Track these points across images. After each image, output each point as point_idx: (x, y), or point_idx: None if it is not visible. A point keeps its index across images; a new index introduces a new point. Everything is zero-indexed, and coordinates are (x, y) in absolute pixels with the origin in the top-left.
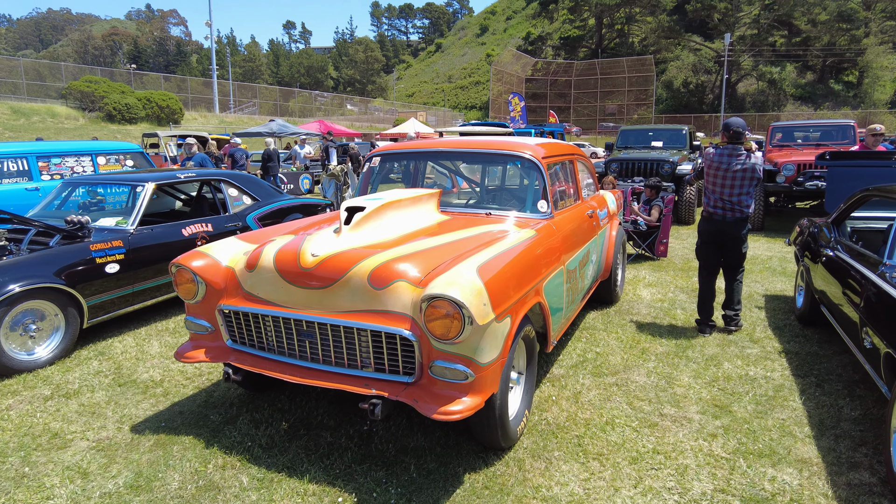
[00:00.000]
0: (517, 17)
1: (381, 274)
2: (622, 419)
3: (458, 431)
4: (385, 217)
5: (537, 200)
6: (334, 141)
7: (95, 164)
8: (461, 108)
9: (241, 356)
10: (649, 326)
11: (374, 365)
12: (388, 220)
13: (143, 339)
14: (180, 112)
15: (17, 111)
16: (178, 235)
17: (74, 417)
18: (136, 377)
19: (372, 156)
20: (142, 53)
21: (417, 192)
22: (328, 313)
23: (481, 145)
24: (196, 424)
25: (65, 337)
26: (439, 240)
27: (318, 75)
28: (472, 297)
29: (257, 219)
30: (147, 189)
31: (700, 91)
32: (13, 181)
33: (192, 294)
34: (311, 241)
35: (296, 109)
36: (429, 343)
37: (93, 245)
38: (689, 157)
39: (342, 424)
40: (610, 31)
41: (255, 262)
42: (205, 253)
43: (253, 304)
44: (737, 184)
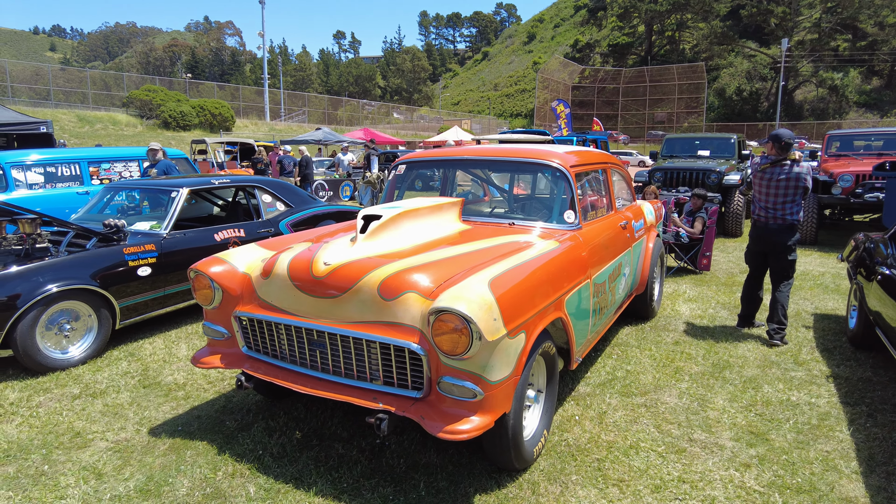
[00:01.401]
0: (565, 24)
1: (392, 284)
2: (648, 443)
3: (471, 450)
4: (402, 226)
5: (564, 211)
6: (376, 149)
7: (142, 168)
8: (506, 116)
9: (255, 364)
10: (685, 344)
11: (383, 378)
12: (406, 228)
13: (172, 341)
14: (232, 120)
15: (83, 119)
16: (211, 240)
17: (98, 417)
18: (161, 379)
19: (398, 163)
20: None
21: (438, 200)
22: (338, 323)
23: (508, 153)
24: (211, 430)
25: (97, 337)
26: (457, 250)
27: (366, 84)
28: (481, 311)
29: (290, 225)
30: (181, 194)
31: (754, 99)
32: (66, 185)
33: (209, 300)
34: (326, 250)
35: (343, 118)
36: (437, 358)
37: (126, 248)
38: (738, 167)
39: (355, 436)
40: (660, 38)
41: (270, 269)
42: (223, 259)
43: (267, 312)
44: (780, 192)
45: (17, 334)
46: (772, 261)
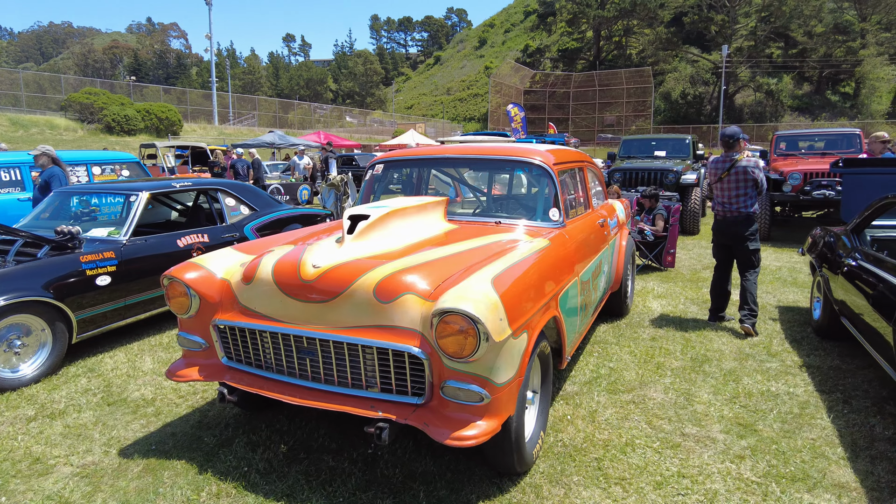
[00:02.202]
0: (515, 29)
1: (388, 286)
2: (642, 440)
3: (468, 455)
4: (390, 226)
5: (549, 209)
6: (334, 152)
7: (90, 173)
8: (460, 119)
9: (236, 374)
10: (662, 339)
11: (381, 385)
12: (394, 229)
13: (135, 354)
14: (179, 124)
15: (16, 123)
16: (174, 246)
17: (58, 440)
18: (127, 395)
19: (375, 163)
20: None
21: (424, 199)
22: (330, 329)
23: (490, 151)
24: (189, 447)
25: (52, 353)
26: (448, 250)
27: (317, 87)
28: (488, 311)
29: (255, 229)
30: (141, 198)
31: (698, 102)
32: (6, 191)
33: (184, 308)
34: (312, 252)
35: (295, 121)
36: (440, 361)
37: (83, 256)
38: (693, 167)
39: (345, 447)
40: (608, 43)
41: (253, 274)
42: (199, 264)
43: (250, 319)
44: (732, 185)
45: None
46: (735, 251)
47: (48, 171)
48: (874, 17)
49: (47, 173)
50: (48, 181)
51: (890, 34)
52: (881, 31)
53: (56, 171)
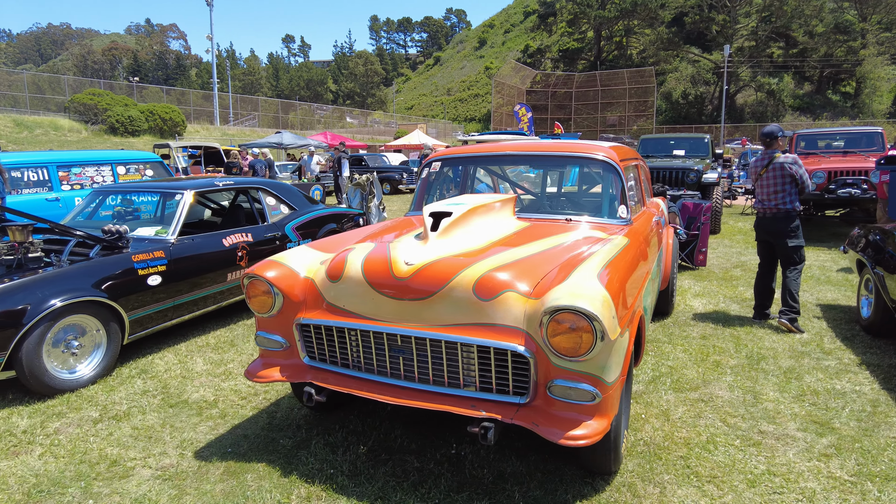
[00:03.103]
0: (515, 30)
1: (487, 284)
2: (722, 438)
3: (554, 454)
4: (471, 223)
5: (617, 206)
6: (346, 152)
7: (115, 173)
8: (460, 120)
9: (320, 374)
10: (712, 338)
11: (479, 384)
12: (474, 226)
13: (184, 355)
14: (183, 125)
15: (21, 124)
16: (219, 246)
17: (130, 442)
18: (187, 397)
19: (431, 160)
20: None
21: (496, 196)
22: (427, 327)
23: (554, 147)
24: (265, 450)
25: (106, 354)
26: (533, 247)
27: (317, 88)
28: (603, 308)
29: (295, 228)
30: (186, 197)
31: (699, 102)
32: (34, 191)
33: (267, 307)
34: (401, 249)
35: (296, 122)
36: (547, 360)
37: (134, 256)
38: (712, 166)
39: (425, 448)
40: (608, 44)
41: (340, 271)
42: (280, 262)
43: (337, 318)
44: (771, 182)
45: (23, 354)
46: (776, 248)
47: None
48: (874, 16)
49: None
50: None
51: (890, 34)
52: (882, 31)
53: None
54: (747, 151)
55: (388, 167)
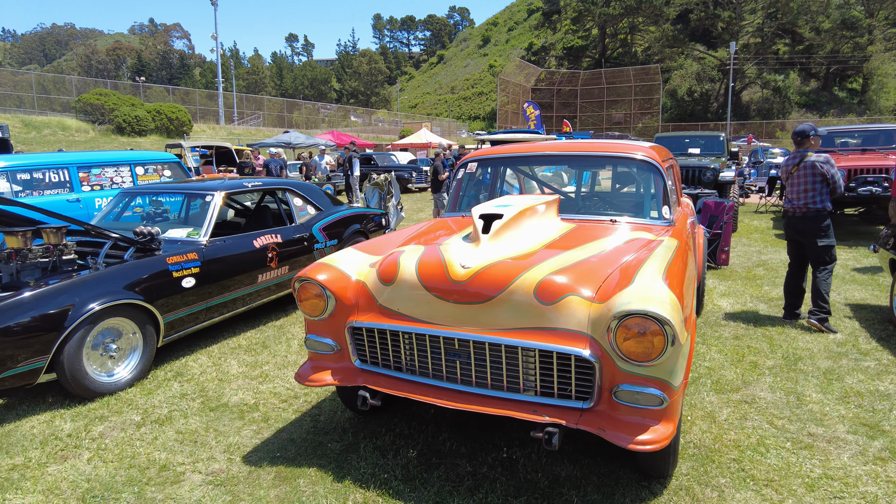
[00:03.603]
0: (519, 28)
1: (549, 288)
2: (772, 440)
3: (607, 458)
4: (521, 225)
5: (660, 206)
6: (357, 151)
7: (134, 174)
8: (465, 118)
9: (371, 377)
10: (745, 338)
11: (540, 388)
12: (524, 228)
13: (217, 357)
14: (189, 124)
15: (28, 124)
16: (250, 247)
17: (176, 447)
18: (226, 400)
19: (467, 161)
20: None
21: (542, 198)
22: (486, 331)
23: (594, 147)
24: (314, 454)
25: (143, 357)
26: (586, 250)
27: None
28: (674, 311)
29: (322, 229)
30: (217, 199)
31: (704, 100)
32: (54, 192)
33: (319, 310)
34: (454, 251)
35: (300, 121)
36: (613, 365)
37: (169, 258)
38: (728, 164)
39: (476, 451)
40: (613, 41)
41: (393, 274)
42: (331, 265)
43: (391, 321)
44: (801, 181)
45: (64, 357)
46: (806, 248)
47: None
48: (881, 12)
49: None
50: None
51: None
52: (889, 27)
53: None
54: (758, 149)
55: (398, 166)
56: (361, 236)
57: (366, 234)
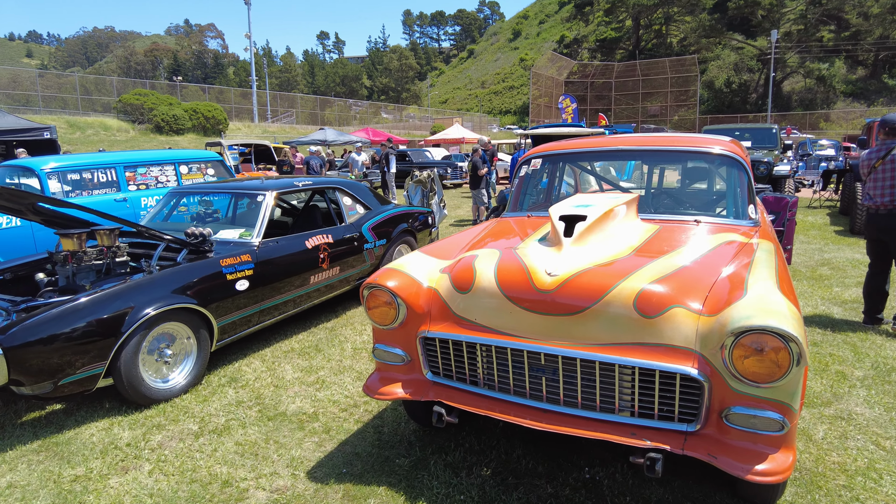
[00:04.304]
0: (550, 20)
1: (651, 298)
2: (882, 464)
3: (698, 478)
4: (606, 227)
5: (745, 205)
6: (394, 148)
7: (178, 173)
8: (496, 113)
9: (445, 392)
10: (824, 345)
11: (638, 409)
12: (609, 230)
13: (271, 362)
14: (225, 122)
15: (73, 125)
16: (302, 247)
17: (237, 460)
18: (284, 409)
19: (530, 157)
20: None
21: (621, 196)
22: (578, 345)
23: (667, 141)
24: (382, 470)
25: (197, 362)
26: (681, 255)
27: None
28: (798, 327)
29: (371, 228)
30: (269, 199)
31: (743, 90)
32: (102, 192)
33: (389, 318)
34: (536, 257)
35: (332, 118)
36: (724, 385)
37: (222, 260)
38: (782, 157)
39: (555, 471)
40: (647, 32)
41: (469, 281)
42: (400, 271)
43: (468, 332)
44: (887, 175)
45: (121, 362)
46: (891, 248)
47: None
48: None
49: None
50: None
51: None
52: None
53: None
54: (806, 141)
55: (433, 162)
56: (409, 235)
57: (413, 233)
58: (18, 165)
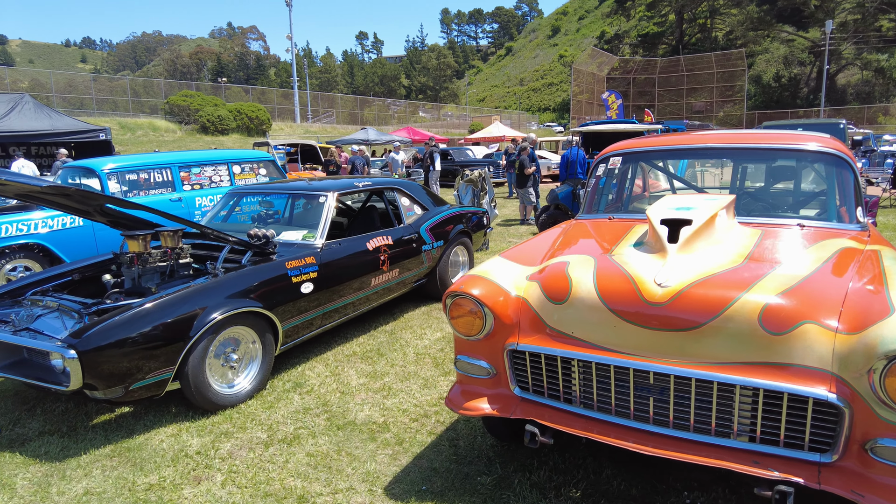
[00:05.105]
0: (590, 16)
1: (779, 313)
2: None
3: None
4: (712, 233)
5: (853, 208)
6: (437, 146)
7: (231, 173)
8: (534, 110)
9: (534, 409)
10: None
11: (760, 435)
12: (714, 236)
13: (334, 366)
14: (268, 123)
15: (124, 126)
16: (364, 249)
17: (310, 473)
18: (353, 417)
19: (609, 155)
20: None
21: (717, 198)
22: (694, 364)
23: (764, 139)
24: (463, 488)
25: (262, 367)
26: (799, 264)
27: (391, 84)
28: None
29: (429, 229)
30: (331, 200)
31: (793, 85)
32: (158, 192)
33: (475, 329)
34: (640, 265)
35: (371, 118)
36: (869, 413)
37: (287, 262)
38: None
39: (650, 494)
40: (691, 26)
41: (564, 291)
42: (486, 278)
43: (563, 346)
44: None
45: (189, 367)
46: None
47: None
48: None
49: None
50: None
51: None
52: None
53: None
54: (869, 136)
55: (474, 161)
56: (465, 237)
57: (469, 234)
58: (80, 167)
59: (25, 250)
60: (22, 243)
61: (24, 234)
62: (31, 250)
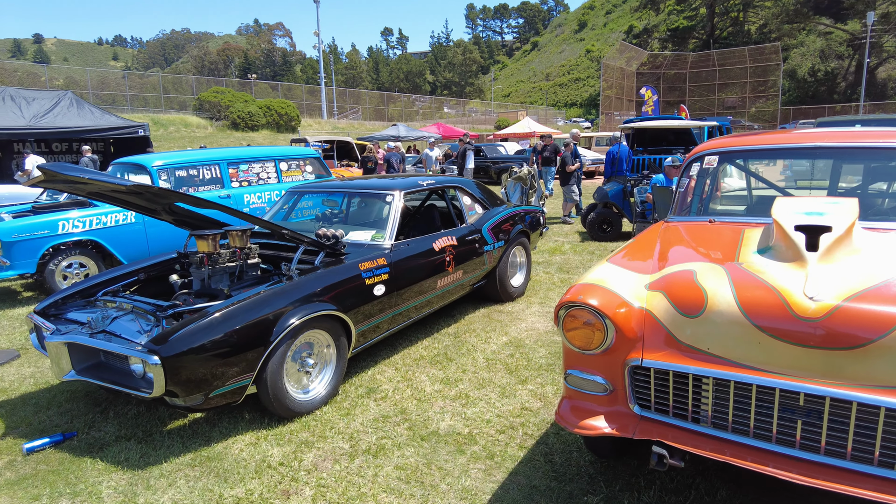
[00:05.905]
0: (617, 10)
1: None
2: None
3: None
4: (850, 240)
5: None
6: (471, 143)
7: (279, 170)
8: (560, 105)
9: (656, 428)
10: None
11: None
12: (853, 244)
13: (404, 371)
14: (298, 119)
15: (156, 122)
16: (431, 250)
17: (403, 488)
18: (435, 427)
19: (703, 154)
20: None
21: (841, 200)
22: (855, 386)
23: (885, 136)
24: None
25: (336, 371)
26: None
27: (416, 80)
28: None
29: (490, 229)
30: (398, 199)
31: (830, 79)
32: (207, 188)
33: (594, 343)
34: (784, 277)
35: (396, 114)
36: None
37: (361, 264)
38: None
39: None
40: (723, 20)
41: (698, 303)
42: (602, 286)
43: (698, 363)
44: None
45: (268, 373)
46: None
47: None
48: None
49: None
50: None
51: None
52: None
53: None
54: None
55: (507, 157)
56: (524, 237)
57: (528, 234)
58: (130, 163)
59: (80, 247)
60: (76, 240)
61: (80, 231)
62: (85, 247)
